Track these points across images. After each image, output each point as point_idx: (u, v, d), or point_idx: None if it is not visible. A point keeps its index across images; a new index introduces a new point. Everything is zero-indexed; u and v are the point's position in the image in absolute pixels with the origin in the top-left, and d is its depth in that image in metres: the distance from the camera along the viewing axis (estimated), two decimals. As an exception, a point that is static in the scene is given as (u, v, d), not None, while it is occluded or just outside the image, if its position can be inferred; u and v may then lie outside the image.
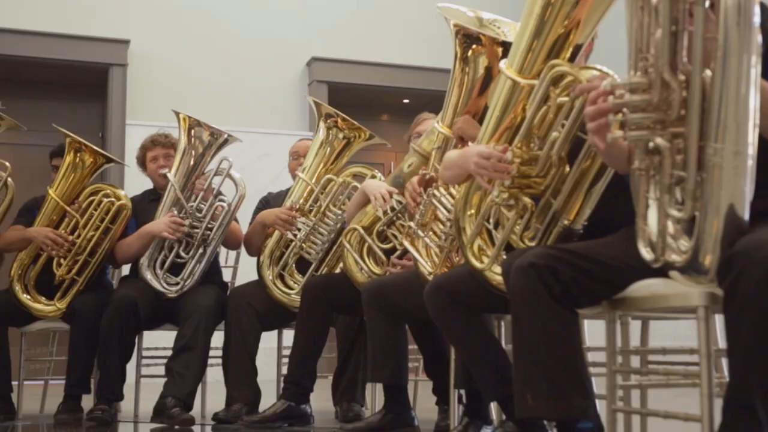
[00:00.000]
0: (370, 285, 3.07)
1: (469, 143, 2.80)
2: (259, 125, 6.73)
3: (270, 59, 6.93)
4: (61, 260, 3.72)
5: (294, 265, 3.76)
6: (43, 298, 3.74)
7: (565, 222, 2.22)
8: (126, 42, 6.56)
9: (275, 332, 3.92)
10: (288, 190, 3.97)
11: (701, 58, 1.53)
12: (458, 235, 2.51)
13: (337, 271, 3.68)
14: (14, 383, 3.76)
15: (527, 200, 2.26)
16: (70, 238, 3.70)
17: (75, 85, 6.82)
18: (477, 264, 2.41)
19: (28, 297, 3.72)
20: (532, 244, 2.26)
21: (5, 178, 3.82)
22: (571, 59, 2.27)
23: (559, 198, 2.21)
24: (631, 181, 1.84)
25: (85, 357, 3.66)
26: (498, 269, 2.37)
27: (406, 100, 7.52)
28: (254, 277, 3.86)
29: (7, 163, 3.84)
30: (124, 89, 6.55)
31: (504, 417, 2.49)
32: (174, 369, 3.50)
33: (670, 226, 1.66)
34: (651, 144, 1.65)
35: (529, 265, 1.85)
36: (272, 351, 3.93)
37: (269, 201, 4.00)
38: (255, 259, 3.92)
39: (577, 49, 2.29)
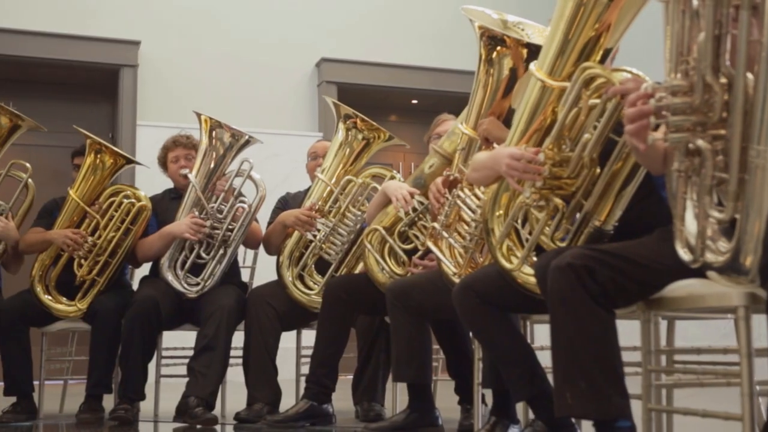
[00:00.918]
0: (394, 285, 3.09)
1: (494, 145, 2.83)
2: (268, 126, 6.74)
3: (279, 60, 6.96)
4: (82, 261, 3.74)
5: (313, 266, 3.78)
6: (64, 299, 3.76)
7: (596, 223, 2.24)
8: (136, 43, 6.58)
9: (293, 332, 3.94)
10: (306, 190, 3.99)
11: (745, 62, 1.55)
12: (486, 236, 2.53)
13: (357, 271, 3.70)
14: (35, 383, 3.77)
15: (558, 201, 2.28)
16: (90, 238, 3.72)
17: (85, 85, 6.84)
18: (507, 264, 2.43)
19: (50, 298, 3.74)
20: (563, 244, 2.29)
21: (26, 180, 3.84)
22: (601, 62, 2.30)
23: (591, 199, 2.23)
24: (667, 182, 1.86)
25: (106, 357, 3.68)
26: (528, 270, 2.40)
27: (414, 101, 7.55)
28: (272, 277, 3.89)
29: (28, 165, 3.86)
30: (134, 90, 6.58)
31: (533, 416, 2.51)
32: (196, 369, 3.52)
33: (709, 228, 1.68)
34: (691, 146, 1.68)
35: (567, 265, 1.87)
36: (291, 351, 3.95)
37: (288, 201, 4.02)
38: (273, 259, 3.94)
39: (607, 52, 2.31)
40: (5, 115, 3.80)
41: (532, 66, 2.40)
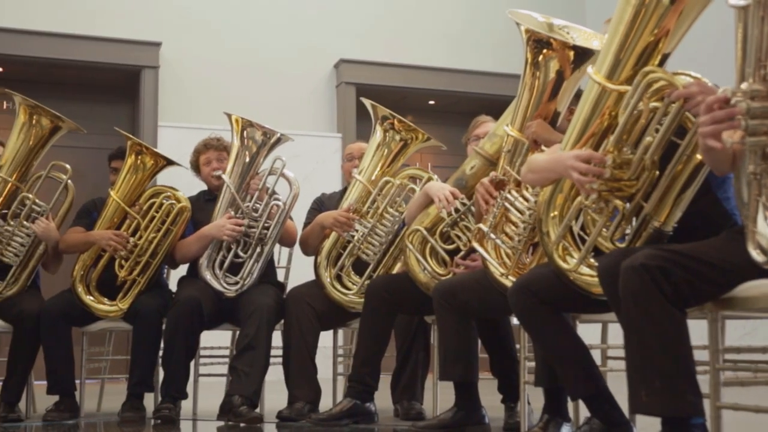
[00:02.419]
0: (441, 285, 3.13)
1: (543, 147, 2.87)
2: (288, 127, 6.69)
3: (299, 61, 7.00)
4: (123, 261, 3.78)
5: (350, 266, 3.81)
6: (105, 299, 3.79)
7: (656, 224, 2.29)
8: (157, 44, 6.62)
9: (329, 331, 3.97)
10: (342, 191, 4.04)
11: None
12: (541, 237, 2.57)
13: (394, 271, 3.74)
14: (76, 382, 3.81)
15: (619, 203, 2.32)
16: (132, 239, 3.76)
17: (106, 87, 6.88)
18: (564, 265, 2.47)
19: (91, 298, 3.78)
20: (621, 245, 2.34)
21: (66, 181, 3.87)
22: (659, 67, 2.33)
23: (651, 201, 2.28)
24: (735, 184, 1.91)
25: (147, 356, 3.72)
26: (585, 270, 2.44)
27: (431, 102, 7.59)
28: (307, 277, 3.93)
29: (68, 166, 3.89)
30: (156, 91, 6.61)
31: (588, 414, 2.55)
32: (239, 368, 3.55)
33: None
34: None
35: (640, 266, 1.92)
36: (326, 350, 3.99)
37: (323, 202, 4.07)
38: (307, 259, 3.98)
39: (665, 57, 2.35)
40: (46, 117, 3.83)
41: (590, 69, 2.44)
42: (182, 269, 4.08)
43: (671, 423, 1.90)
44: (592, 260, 2.43)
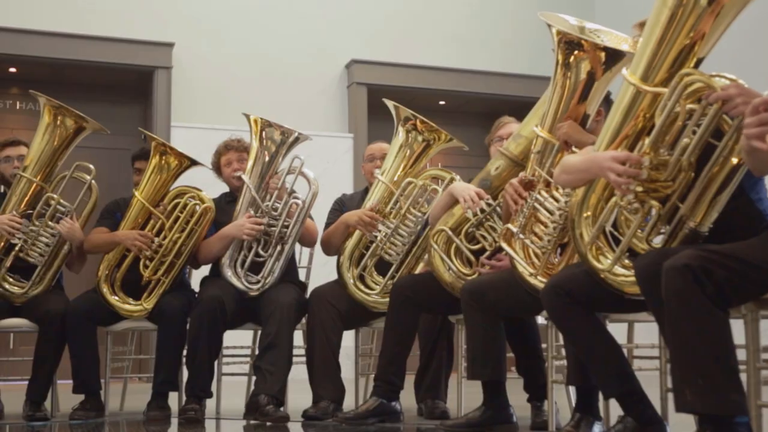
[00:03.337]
0: (470, 285, 3.16)
1: (574, 148, 2.90)
2: (299, 127, 6.70)
3: (310, 62, 7.03)
4: (147, 262, 3.80)
5: (373, 266, 3.83)
6: (130, 299, 3.81)
7: (692, 224, 2.31)
8: (170, 45, 6.64)
9: (350, 331, 3.99)
10: (363, 191, 4.06)
11: None
12: (574, 237, 2.60)
13: (416, 271, 3.76)
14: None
15: (655, 203, 2.34)
16: (156, 239, 3.78)
17: (119, 87, 6.90)
18: (598, 265, 2.49)
19: (117, 298, 3.80)
20: (657, 245, 2.36)
21: (90, 181, 3.89)
22: (694, 69, 2.36)
23: (687, 202, 2.30)
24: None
25: (172, 355, 3.74)
26: (619, 270, 2.47)
27: (441, 102, 7.62)
28: (327, 277, 3.94)
29: (92, 166, 3.91)
30: (168, 91, 6.64)
31: (622, 413, 2.57)
32: (263, 367, 3.57)
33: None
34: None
35: (683, 266, 1.94)
36: (346, 350, 4.00)
37: (345, 202, 4.09)
38: (327, 259, 4.00)
39: (700, 61, 2.37)
40: (71, 118, 3.85)
41: (625, 71, 2.46)
42: (204, 269, 4.10)
43: (715, 421, 1.93)
44: (627, 261, 2.46)
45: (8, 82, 6.78)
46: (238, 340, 4.20)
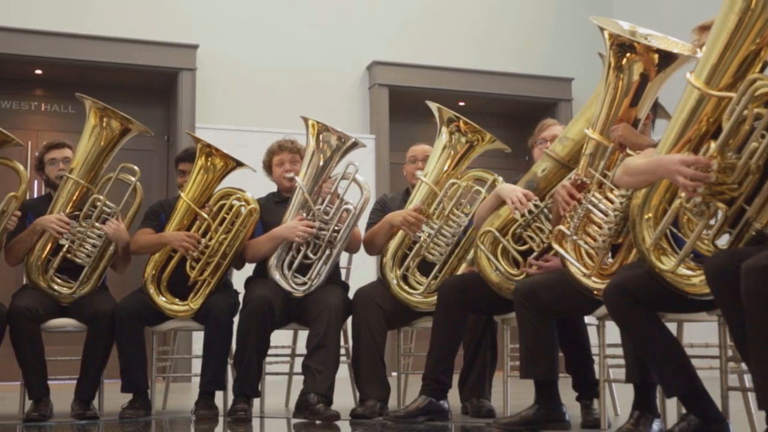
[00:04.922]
0: (522, 285, 3.20)
1: (629, 150, 2.94)
2: (321, 128, 6.84)
3: (332, 63, 7.07)
4: (194, 263, 3.84)
5: (416, 267, 3.87)
6: (177, 300, 3.85)
7: (758, 226, 2.36)
8: (195, 47, 6.68)
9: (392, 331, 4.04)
10: (405, 192, 4.11)
11: None
12: (635, 238, 2.65)
13: (459, 272, 3.81)
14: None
15: (722, 206, 2.39)
16: (203, 240, 3.82)
17: (143, 89, 6.94)
18: (662, 266, 2.55)
19: (164, 299, 3.84)
20: (723, 247, 2.41)
21: (135, 182, 3.93)
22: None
23: (754, 205, 2.34)
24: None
25: (219, 355, 3.78)
26: (683, 271, 2.52)
27: (461, 103, 7.66)
28: (367, 278, 3.97)
29: (136, 168, 3.95)
30: (193, 93, 6.68)
31: (684, 411, 2.62)
32: (312, 366, 3.61)
33: None
34: None
35: (764, 267, 1.99)
36: (390, 349, 4.05)
37: (386, 203, 4.13)
38: (367, 260, 4.04)
39: (765, 65, 2.42)
40: (116, 119, 3.89)
41: (689, 75, 2.51)
42: (245, 271, 4.13)
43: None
44: (691, 263, 2.52)
45: (33, 84, 6.82)
46: (278, 339, 4.24)
